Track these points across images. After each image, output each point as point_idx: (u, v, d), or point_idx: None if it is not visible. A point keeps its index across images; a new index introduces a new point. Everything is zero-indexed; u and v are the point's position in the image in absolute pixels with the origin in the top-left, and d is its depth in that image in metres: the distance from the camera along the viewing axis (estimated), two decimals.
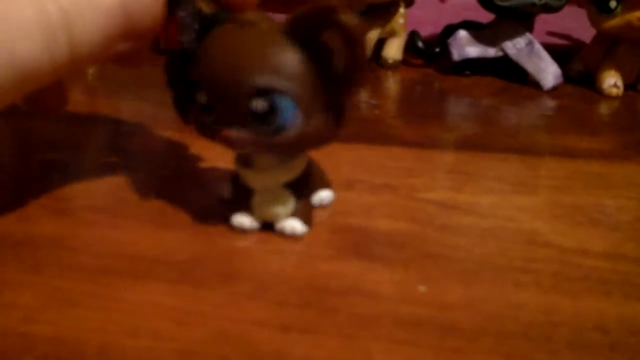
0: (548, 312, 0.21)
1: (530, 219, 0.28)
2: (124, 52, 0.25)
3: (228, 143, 0.23)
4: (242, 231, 0.26)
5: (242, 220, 0.26)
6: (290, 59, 0.22)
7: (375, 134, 0.37)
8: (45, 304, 0.22)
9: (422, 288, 0.23)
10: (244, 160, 0.26)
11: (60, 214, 0.27)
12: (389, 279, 0.23)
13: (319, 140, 0.24)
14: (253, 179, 0.25)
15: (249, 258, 0.24)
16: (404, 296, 0.22)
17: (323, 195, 0.28)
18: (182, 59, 0.24)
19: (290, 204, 0.26)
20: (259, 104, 0.22)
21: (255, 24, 0.23)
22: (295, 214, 0.26)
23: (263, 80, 0.22)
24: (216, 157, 0.32)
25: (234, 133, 0.23)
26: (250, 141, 0.23)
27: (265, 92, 0.22)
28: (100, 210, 0.27)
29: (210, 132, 0.24)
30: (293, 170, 0.25)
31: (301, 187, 0.26)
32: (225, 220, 0.26)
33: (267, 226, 0.26)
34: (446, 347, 0.20)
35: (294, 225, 0.26)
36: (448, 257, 0.25)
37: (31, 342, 0.20)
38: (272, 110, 0.22)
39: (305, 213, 0.26)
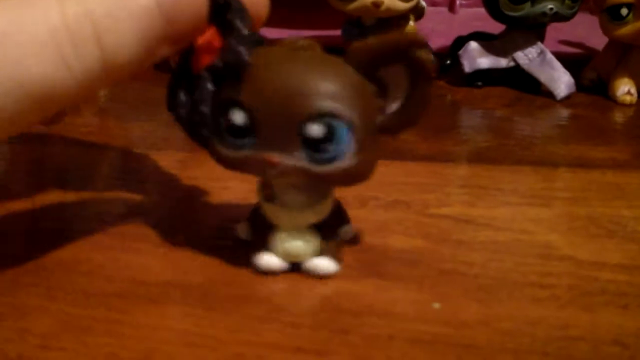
0: (565, 327, 0.21)
1: (546, 231, 0.27)
2: (165, 56, 0.22)
3: (269, 169, 0.22)
4: (271, 273, 0.24)
5: (270, 261, 0.24)
6: (352, 86, 0.22)
7: (387, 149, 0.36)
8: (59, 330, 0.21)
9: (436, 305, 0.22)
10: (268, 195, 0.24)
11: (74, 239, 0.27)
12: (403, 297, 0.23)
13: (362, 176, 0.23)
14: (280, 216, 0.24)
15: (262, 280, 0.24)
16: (419, 315, 0.22)
17: (345, 230, 0.27)
18: (223, 75, 0.22)
19: (315, 243, 0.24)
20: (315, 129, 0.21)
21: (309, 49, 0.23)
22: (324, 252, 0.24)
23: (325, 103, 0.21)
24: (228, 177, 0.32)
25: (278, 158, 0.22)
26: (296, 169, 0.22)
27: (323, 117, 0.21)
28: (113, 233, 0.27)
29: (240, 157, 0.22)
30: (322, 212, 0.24)
31: (330, 226, 0.25)
32: (248, 261, 0.25)
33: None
34: None
35: (325, 264, 0.24)
36: (463, 273, 0.24)
37: None
38: (327, 137, 0.21)
39: (335, 250, 0.25)
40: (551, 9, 0.45)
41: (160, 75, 0.28)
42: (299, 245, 0.24)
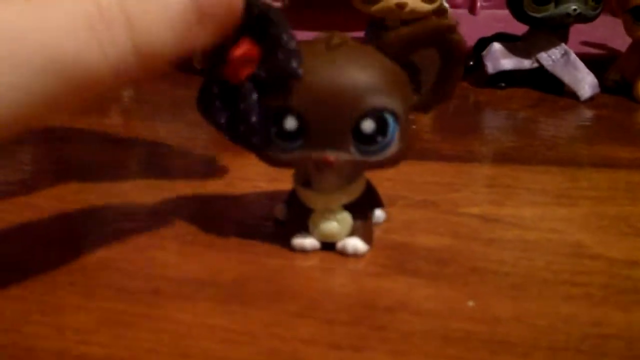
0: (599, 325, 0.21)
1: (575, 230, 0.28)
2: (200, 48, 0.22)
3: (324, 167, 0.23)
4: (303, 252, 0.26)
5: (303, 241, 0.26)
6: (393, 76, 0.23)
7: (413, 150, 0.37)
8: (98, 327, 0.22)
9: (470, 303, 0.23)
10: (305, 181, 0.25)
11: (108, 238, 0.27)
12: (435, 295, 0.23)
13: (403, 158, 0.24)
14: (314, 199, 0.25)
15: (296, 277, 0.24)
16: (452, 312, 0.22)
17: (377, 214, 0.28)
18: (267, 84, 0.23)
19: (348, 223, 0.25)
20: (368, 125, 0.23)
21: (344, 44, 0.23)
22: (356, 233, 0.26)
23: (376, 99, 0.22)
24: (255, 175, 0.32)
25: (335, 156, 0.23)
26: (348, 164, 0.23)
27: (375, 112, 0.23)
28: (146, 233, 0.28)
29: (291, 158, 0.23)
30: (355, 192, 0.25)
31: (360, 207, 0.26)
32: (283, 240, 0.26)
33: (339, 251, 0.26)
34: None
35: (356, 244, 0.25)
36: (494, 271, 0.25)
37: None
38: (379, 130, 0.23)
39: (366, 232, 0.26)
40: (575, 9, 0.45)
41: (184, 76, 0.28)
42: (333, 226, 0.25)
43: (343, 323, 0.22)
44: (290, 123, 0.23)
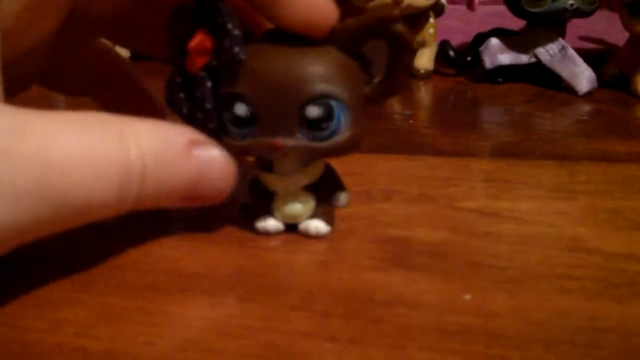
0: (595, 319, 0.21)
1: (572, 224, 0.28)
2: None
3: (277, 152, 0.24)
4: (267, 234, 0.27)
5: (266, 224, 0.27)
6: (340, 66, 0.24)
7: (410, 144, 0.37)
8: (96, 320, 0.22)
9: (467, 297, 0.23)
10: (265, 165, 0.26)
11: (105, 233, 0.27)
12: (432, 288, 0.23)
13: (355, 147, 0.25)
14: (275, 182, 0.26)
15: (292, 270, 0.25)
16: (449, 305, 0.22)
17: (340, 197, 0.28)
18: (220, 73, 0.24)
19: (311, 204, 0.26)
20: (314, 111, 0.23)
21: (294, 35, 0.24)
22: (317, 215, 0.26)
23: (320, 86, 0.23)
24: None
25: (283, 141, 0.24)
26: (297, 149, 0.24)
27: (320, 99, 0.23)
28: (142, 227, 0.28)
29: (245, 145, 0.24)
30: (313, 174, 0.26)
31: (320, 190, 0.26)
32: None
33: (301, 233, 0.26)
34: (493, 355, 0.20)
35: (318, 225, 0.26)
36: (491, 265, 0.25)
37: (84, 357, 0.20)
38: (326, 116, 0.23)
39: (328, 214, 0.27)
40: (572, 4, 0.45)
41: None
42: (297, 207, 0.26)
43: (340, 316, 0.22)
44: (240, 109, 0.24)
